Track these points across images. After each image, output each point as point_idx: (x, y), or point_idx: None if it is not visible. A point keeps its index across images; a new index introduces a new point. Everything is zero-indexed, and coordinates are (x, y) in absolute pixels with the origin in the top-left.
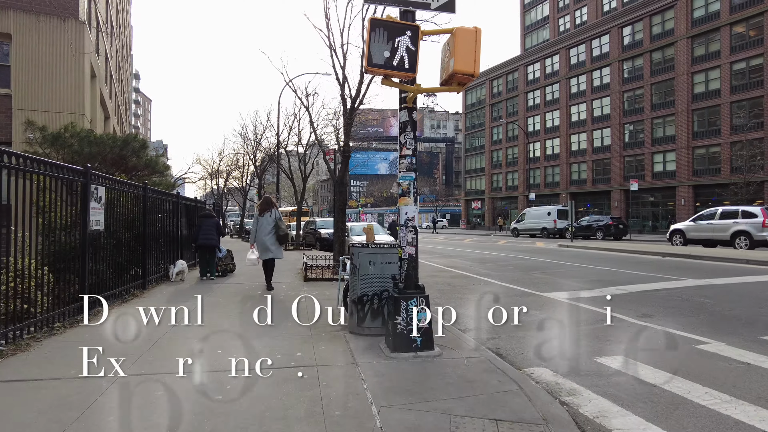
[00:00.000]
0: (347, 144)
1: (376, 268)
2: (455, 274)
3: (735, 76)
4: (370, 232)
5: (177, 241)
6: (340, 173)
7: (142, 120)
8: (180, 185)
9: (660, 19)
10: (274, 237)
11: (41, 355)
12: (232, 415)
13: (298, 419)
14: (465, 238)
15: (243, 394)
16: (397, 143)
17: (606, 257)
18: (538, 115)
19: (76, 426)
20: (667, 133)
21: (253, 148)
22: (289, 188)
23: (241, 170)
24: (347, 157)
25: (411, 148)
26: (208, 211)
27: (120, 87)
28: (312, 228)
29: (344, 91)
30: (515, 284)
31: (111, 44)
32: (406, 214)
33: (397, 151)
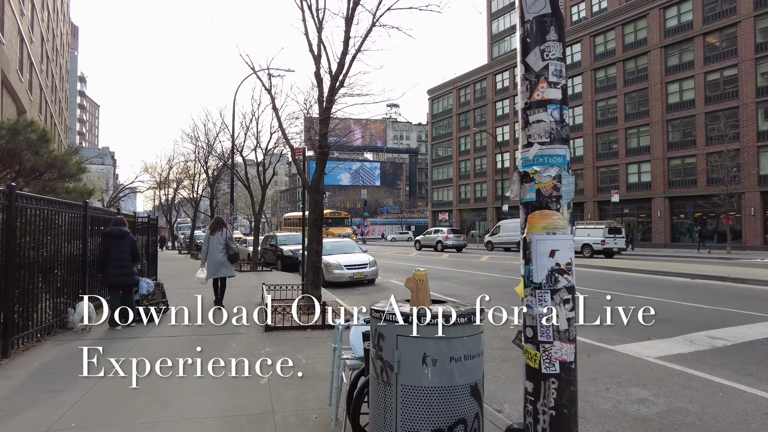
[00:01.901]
0: (324, 137)
1: (439, 371)
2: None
3: (709, 87)
4: (420, 284)
5: (83, 270)
6: (315, 177)
7: (89, 126)
8: (125, 197)
9: (633, 29)
10: (225, 256)
11: None
12: None
13: None
14: (439, 253)
15: None
16: (359, 153)
17: (623, 279)
18: (507, 124)
19: None
20: (642, 144)
21: (204, 154)
22: (246, 199)
23: (191, 179)
24: (325, 156)
25: (559, 83)
26: (116, 229)
27: (51, 82)
28: (272, 244)
29: (320, 67)
30: None
31: (32, 27)
32: (552, 255)
33: (359, 161)
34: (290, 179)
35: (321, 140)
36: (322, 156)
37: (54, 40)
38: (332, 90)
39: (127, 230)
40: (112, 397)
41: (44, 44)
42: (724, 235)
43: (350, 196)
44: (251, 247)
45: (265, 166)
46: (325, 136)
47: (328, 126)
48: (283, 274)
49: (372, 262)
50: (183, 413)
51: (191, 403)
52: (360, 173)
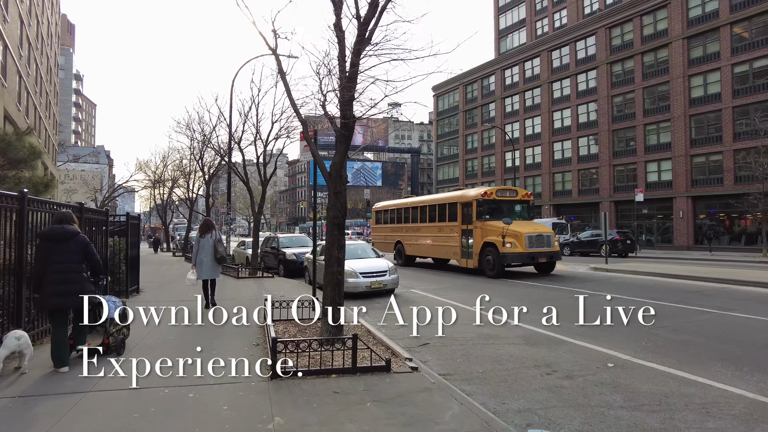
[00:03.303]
0: (349, 104)
1: None
2: (517, 335)
3: (737, 79)
4: None
5: (18, 287)
6: (336, 160)
7: (85, 125)
8: (118, 196)
9: (652, 20)
10: (213, 258)
11: None
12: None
13: None
14: None
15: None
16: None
17: (684, 288)
18: (517, 121)
19: None
20: (662, 140)
21: (199, 148)
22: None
23: (187, 178)
24: (349, 131)
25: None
26: (58, 229)
27: (35, 71)
28: (273, 247)
29: (341, 15)
30: (662, 362)
31: (6, 5)
32: None
33: (360, 161)
34: (290, 179)
35: (344, 114)
36: (346, 131)
37: (39, 26)
38: (361, 39)
39: (74, 229)
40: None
41: (24, 27)
42: (753, 237)
43: (351, 197)
44: (249, 249)
45: (266, 160)
46: (350, 103)
47: (354, 89)
48: (287, 282)
49: (392, 269)
50: None
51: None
52: (361, 173)
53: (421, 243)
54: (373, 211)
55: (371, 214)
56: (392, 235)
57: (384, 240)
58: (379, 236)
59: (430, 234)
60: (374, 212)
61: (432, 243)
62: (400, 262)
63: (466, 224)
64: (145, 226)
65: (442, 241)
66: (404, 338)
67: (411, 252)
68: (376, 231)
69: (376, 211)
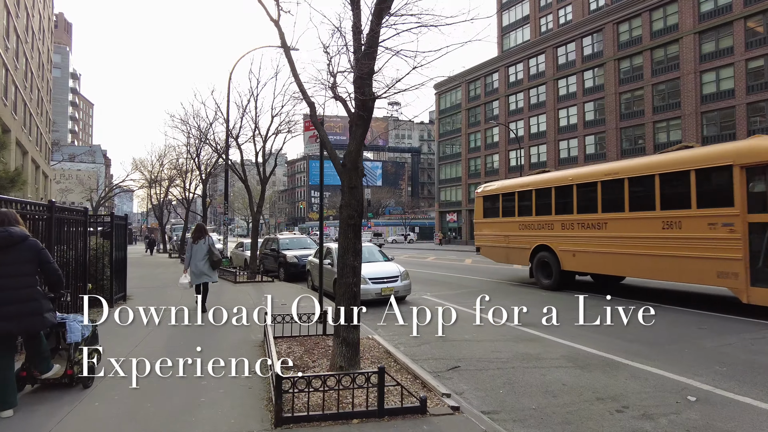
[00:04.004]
0: (369, 80)
1: None
2: (560, 355)
3: (751, 75)
4: None
5: None
6: (352, 148)
7: (82, 125)
8: (114, 196)
9: (662, 14)
10: (207, 263)
11: None
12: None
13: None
14: (458, 256)
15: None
16: None
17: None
18: (521, 119)
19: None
20: (672, 138)
21: (196, 145)
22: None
23: (183, 177)
24: (368, 112)
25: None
26: (2, 232)
27: (23, 65)
28: (273, 249)
29: None
30: (751, 393)
31: None
32: None
33: None
34: (288, 179)
35: (362, 86)
36: (364, 112)
37: (29, 19)
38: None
39: (21, 232)
40: None
41: (11, 18)
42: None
43: None
44: (248, 251)
45: (265, 157)
46: (370, 77)
47: (375, 56)
48: (288, 287)
49: (404, 274)
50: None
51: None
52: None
53: (608, 249)
54: (480, 198)
55: (474, 200)
56: (526, 236)
57: (504, 243)
58: (492, 237)
59: (636, 233)
60: (482, 199)
61: (641, 252)
62: (547, 283)
63: None
64: (142, 227)
65: (679, 249)
66: (429, 358)
67: (575, 265)
68: (485, 228)
69: (488, 196)
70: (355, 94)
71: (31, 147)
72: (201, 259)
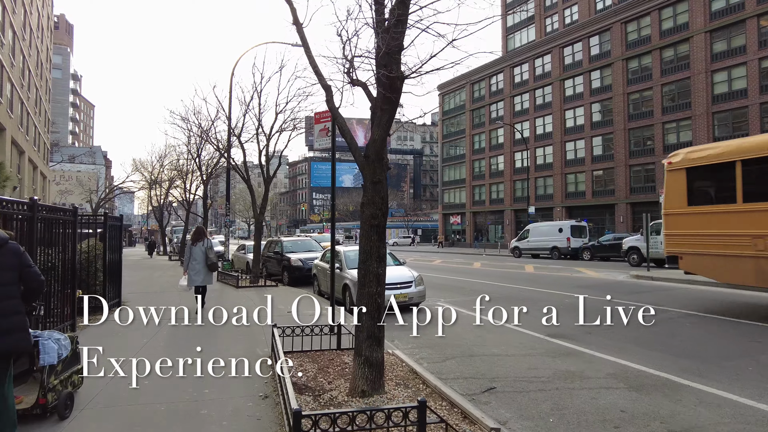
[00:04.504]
0: (397, 56)
1: None
2: (607, 374)
3: (764, 74)
4: None
5: None
6: (376, 137)
7: (83, 126)
8: (114, 197)
9: (671, 13)
10: (205, 266)
11: None
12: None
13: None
14: (466, 259)
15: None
16: None
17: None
18: (527, 120)
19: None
20: (683, 139)
21: (197, 144)
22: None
23: (184, 178)
24: (396, 94)
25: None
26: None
27: (21, 63)
28: (276, 251)
29: None
30: None
31: None
32: None
33: None
34: (290, 181)
35: (389, 63)
36: (392, 94)
37: (26, 16)
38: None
39: (2, 235)
40: None
41: (7, 14)
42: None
43: (353, 198)
44: (250, 254)
45: (269, 156)
46: (399, 54)
47: (405, 29)
48: (293, 292)
49: (418, 279)
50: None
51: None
52: None
53: None
54: (679, 172)
55: (666, 176)
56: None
57: (753, 250)
58: (717, 239)
59: None
60: (684, 172)
61: None
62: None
63: None
64: (143, 229)
65: None
66: (459, 377)
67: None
68: (696, 223)
69: (702, 167)
70: (381, 72)
71: (29, 147)
72: (199, 261)
